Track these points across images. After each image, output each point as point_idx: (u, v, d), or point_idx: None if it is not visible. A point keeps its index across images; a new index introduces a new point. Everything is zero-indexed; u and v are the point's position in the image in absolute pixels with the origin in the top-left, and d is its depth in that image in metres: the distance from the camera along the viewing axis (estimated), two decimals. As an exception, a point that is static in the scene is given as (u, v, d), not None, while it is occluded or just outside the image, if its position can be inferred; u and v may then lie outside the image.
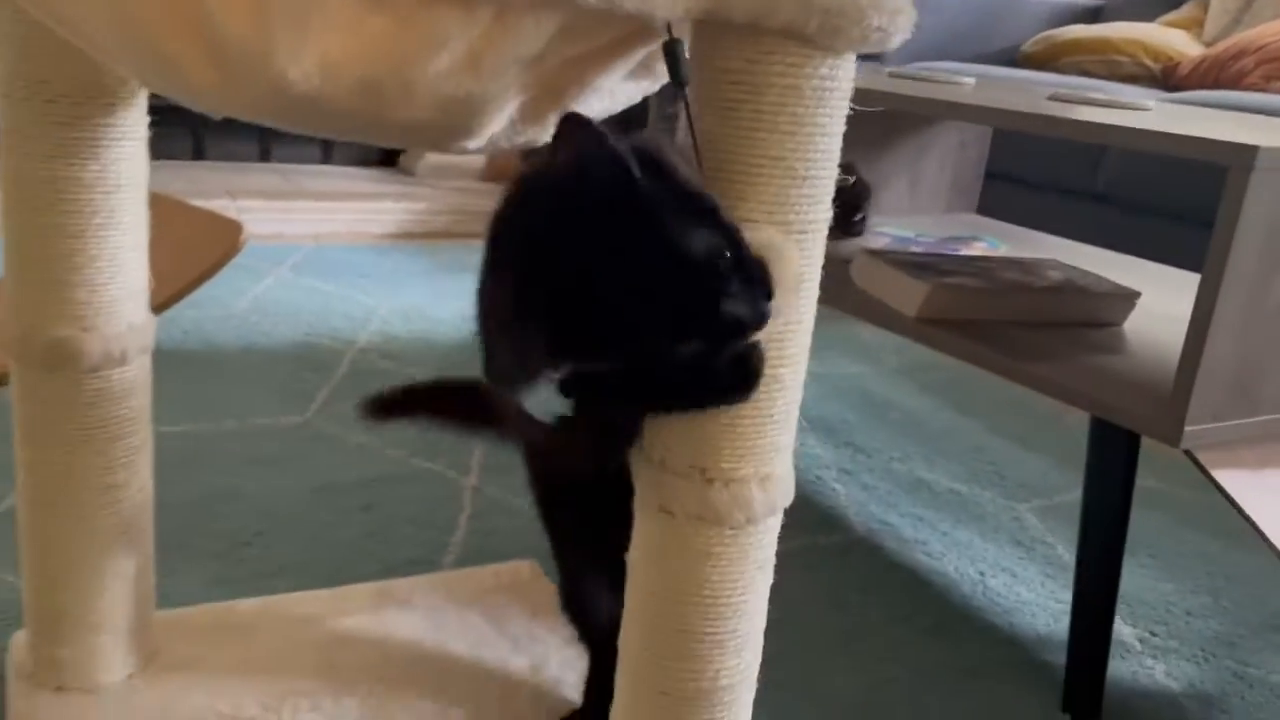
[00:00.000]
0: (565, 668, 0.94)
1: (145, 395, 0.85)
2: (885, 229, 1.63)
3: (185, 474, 1.30)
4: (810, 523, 1.36)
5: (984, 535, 1.39)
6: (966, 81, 1.54)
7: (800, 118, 0.59)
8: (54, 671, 0.85)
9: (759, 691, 0.97)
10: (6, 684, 0.86)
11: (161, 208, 0.90)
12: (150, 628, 0.89)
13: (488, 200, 2.23)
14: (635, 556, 0.69)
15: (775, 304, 0.57)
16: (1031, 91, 1.45)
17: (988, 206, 1.93)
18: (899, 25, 0.59)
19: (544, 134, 0.68)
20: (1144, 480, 1.58)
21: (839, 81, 0.60)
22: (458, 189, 2.96)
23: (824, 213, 0.63)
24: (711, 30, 0.59)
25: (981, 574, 1.29)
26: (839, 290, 1.26)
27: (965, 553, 1.34)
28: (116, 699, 0.85)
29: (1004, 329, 1.13)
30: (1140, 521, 1.46)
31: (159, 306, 1.62)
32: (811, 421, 1.72)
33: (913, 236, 1.59)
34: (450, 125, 0.58)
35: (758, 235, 0.58)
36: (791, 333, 0.64)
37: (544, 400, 0.65)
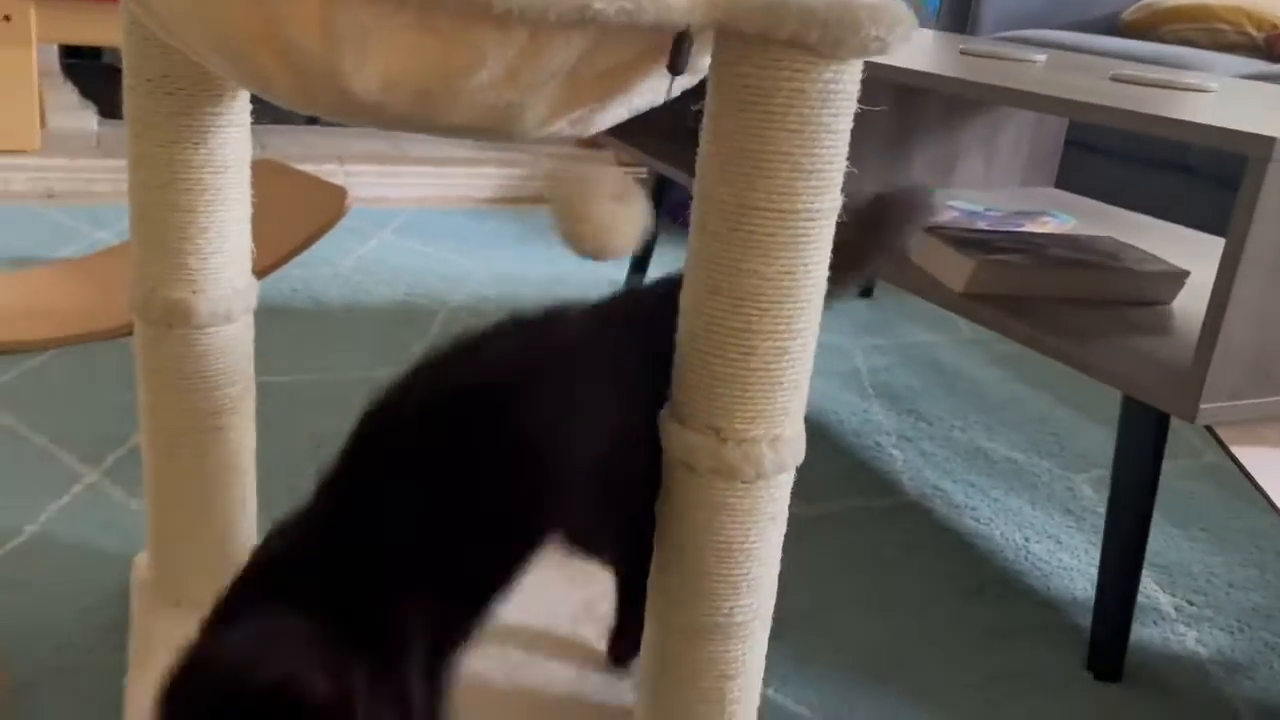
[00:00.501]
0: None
1: (248, 349, 0.97)
2: (955, 203, 1.66)
3: (291, 419, 1.44)
4: (863, 486, 1.43)
5: (1035, 503, 1.43)
6: (1037, 59, 1.55)
7: (806, 117, 0.66)
8: (171, 588, 0.99)
9: (787, 637, 1.06)
10: (131, 598, 1.00)
11: (273, 174, 1.01)
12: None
13: (583, 165, 2.30)
14: (662, 506, 0.78)
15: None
16: (1095, 71, 1.46)
17: (1069, 180, 1.94)
18: (898, 34, 0.65)
19: (586, 131, 0.77)
20: (1204, 456, 1.60)
21: (843, 85, 0.67)
22: (553, 155, 3.06)
23: (831, 202, 0.70)
24: (727, 39, 0.66)
25: (1026, 539, 1.33)
26: (898, 265, 1.31)
27: (1013, 519, 1.38)
28: (222, 613, 0.98)
29: (1048, 305, 1.17)
30: (1197, 495, 1.48)
31: (270, 266, 1.76)
32: (876, 389, 1.77)
33: (981, 211, 1.62)
34: (494, 128, 0.67)
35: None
36: (800, 309, 0.71)
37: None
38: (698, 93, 0.73)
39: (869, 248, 0.88)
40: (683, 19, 0.62)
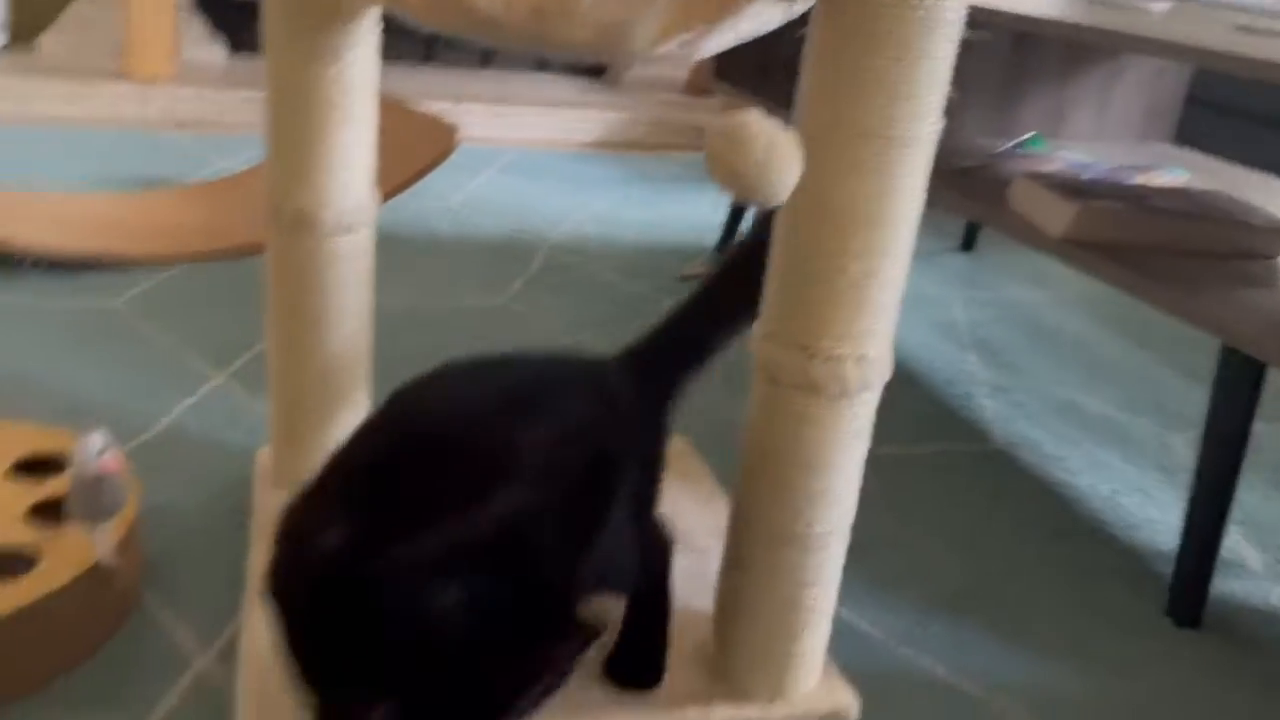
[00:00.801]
0: (696, 520, 1.08)
1: (367, 259, 1.03)
2: (1063, 153, 1.64)
3: (400, 339, 1.51)
4: (950, 431, 1.44)
5: (1127, 458, 1.43)
6: (1157, 7, 1.52)
7: (907, 44, 0.68)
8: (290, 478, 1.07)
9: (866, 564, 1.09)
10: (254, 486, 1.08)
11: (388, 110, 1.06)
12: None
13: (688, 113, 2.41)
14: (748, 418, 0.81)
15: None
16: (1220, 21, 1.42)
17: (1189, 136, 1.89)
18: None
19: (695, 53, 0.80)
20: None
21: (945, 13, 0.68)
22: (659, 102, 3.08)
23: (929, 128, 0.72)
24: (834, -39, 0.68)
25: (1114, 491, 1.33)
26: (997, 211, 1.31)
27: (1103, 472, 1.38)
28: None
29: (1150, 255, 1.16)
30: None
31: (384, 197, 1.83)
32: (975, 342, 1.77)
33: (1089, 162, 1.59)
34: (606, 44, 0.71)
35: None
36: (892, 232, 0.74)
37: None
38: (800, 23, 0.75)
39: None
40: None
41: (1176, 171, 1.57)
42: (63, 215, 1.75)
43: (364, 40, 0.95)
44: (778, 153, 0.64)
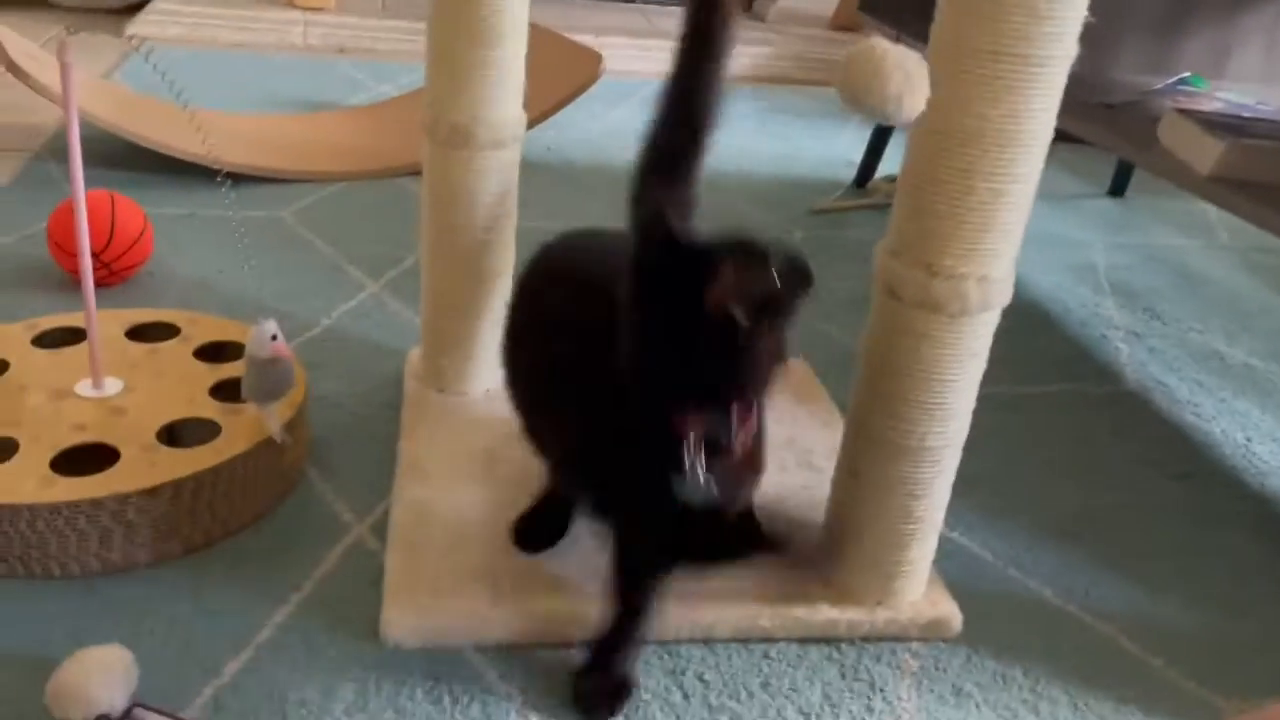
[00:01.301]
0: (817, 441, 1.13)
1: (514, 175, 1.10)
2: (1224, 94, 1.58)
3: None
4: (1081, 372, 1.43)
5: (1265, 407, 1.39)
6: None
7: (1036, -35, 0.69)
8: (437, 377, 1.15)
9: (980, 493, 1.11)
10: (405, 383, 1.17)
11: (536, 38, 1.10)
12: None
13: (832, 48, 2.40)
14: (867, 333, 0.85)
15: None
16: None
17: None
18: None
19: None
20: None
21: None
22: (803, 36, 3.05)
23: (1066, 49, 0.73)
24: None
25: (1249, 439, 1.31)
26: (1145, 147, 1.29)
27: (1239, 419, 1.35)
28: (477, 402, 1.14)
29: (1304, 195, 1.12)
30: None
31: (533, 122, 1.90)
32: (1114, 285, 1.73)
33: (1251, 104, 1.53)
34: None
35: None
36: (1021, 153, 0.75)
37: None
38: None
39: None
40: None
41: (1346, 114, 1.50)
42: (236, 131, 1.88)
43: (520, -37, 1.00)
44: (904, 75, 0.66)
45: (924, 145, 0.78)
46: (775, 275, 0.66)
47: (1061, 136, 0.81)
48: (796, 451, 1.11)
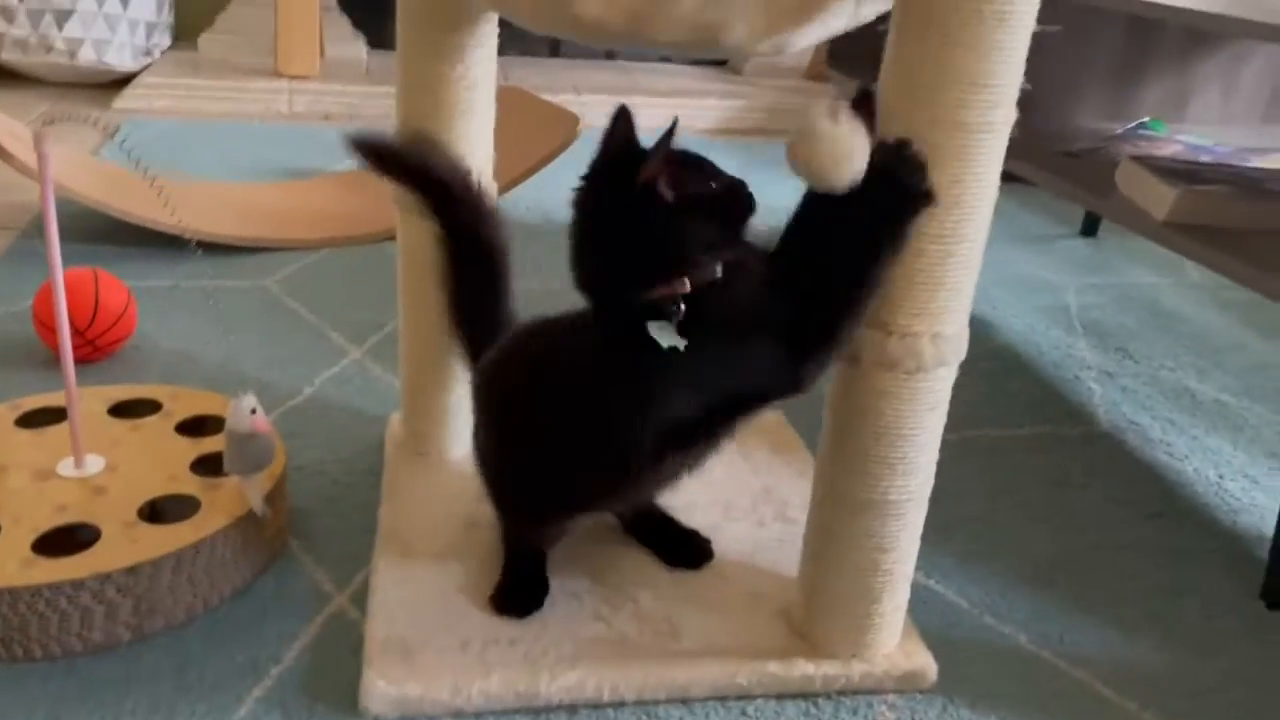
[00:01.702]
0: (793, 493, 1.14)
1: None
2: (1182, 137, 1.62)
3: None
4: (1054, 414, 1.45)
5: (1237, 444, 1.41)
6: (1282, -16, 1.48)
7: (980, 36, 0.72)
8: (417, 441, 1.17)
9: (956, 538, 1.13)
10: (385, 448, 1.19)
11: (515, 100, 1.15)
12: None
13: (805, 99, 2.46)
14: (831, 391, 0.87)
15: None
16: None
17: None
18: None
19: (786, 50, 0.85)
20: None
21: (1018, 6, 0.72)
22: (778, 87, 3.11)
23: (1003, 115, 0.76)
24: (908, -35, 0.73)
25: (1221, 476, 1.33)
26: (1104, 195, 1.32)
27: (1211, 457, 1.37)
28: (457, 464, 1.16)
29: (1256, 239, 1.15)
30: None
31: (510, 184, 1.94)
32: (1086, 325, 1.76)
33: (1208, 145, 1.57)
34: (698, 42, 0.77)
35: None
36: (966, 215, 0.78)
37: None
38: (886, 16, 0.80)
39: None
40: (865, -53, 0.70)
41: (1300, 154, 1.53)
42: (221, 202, 1.92)
43: (484, 42, 1.04)
44: (846, 146, 0.69)
45: (874, 209, 0.80)
46: (712, 181, 0.78)
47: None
48: (774, 504, 1.13)
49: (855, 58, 1.99)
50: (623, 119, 0.77)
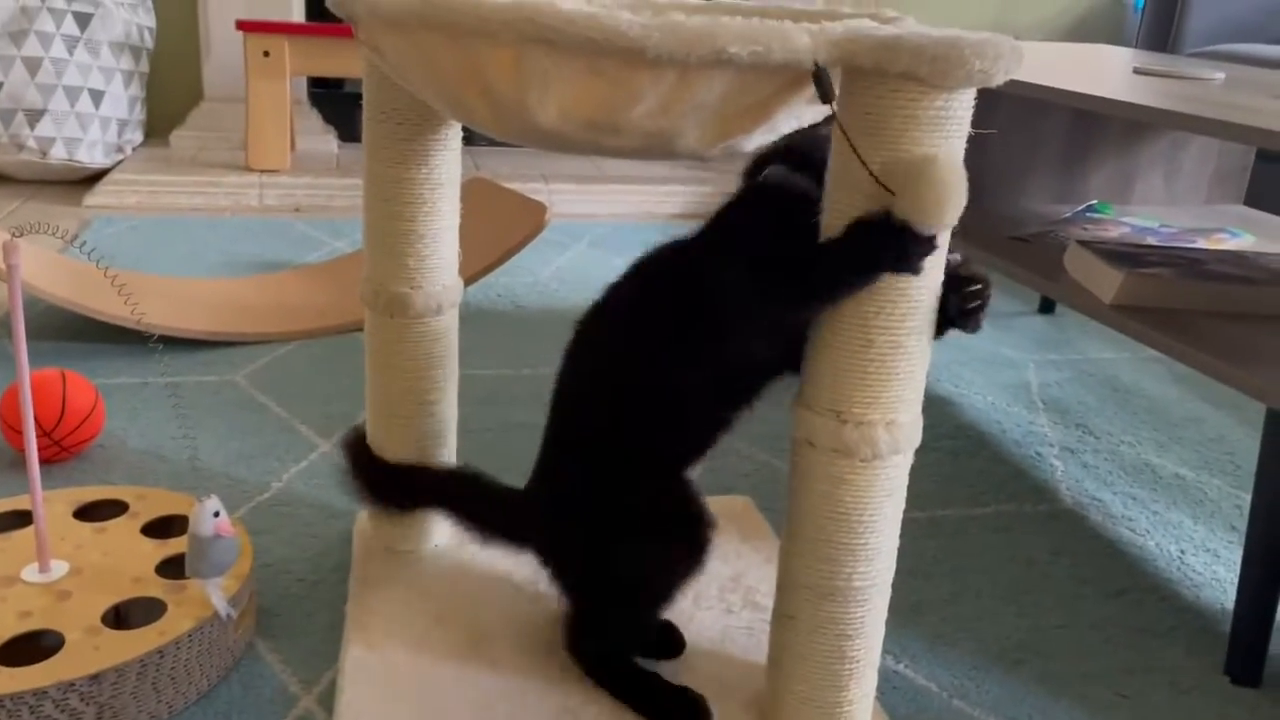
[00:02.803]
0: (761, 579, 1.15)
1: (454, 339, 1.14)
2: (1129, 219, 1.67)
3: (490, 408, 1.62)
4: (1017, 492, 1.47)
5: (1197, 518, 1.44)
6: (1215, 77, 1.55)
7: (920, 140, 0.76)
8: (386, 538, 1.17)
9: (924, 621, 1.14)
10: (354, 545, 1.19)
11: (483, 191, 1.17)
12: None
13: None
14: (790, 479, 0.88)
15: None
16: (1275, 90, 1.45)
17: (1261, 196, 1.90)
18: (1000, 67, 0.74)
19: (738, 151, 0.89)
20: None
21: (954, 111, 0.76)
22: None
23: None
24: (849, 73, 0.77)
25: (1182, 551, 1.35)
26: (1053, 278, 1.36)
27: (1172, 531, 1.40)
28: (426, 559, 1.16)
29: (1201, 320, 1.19)
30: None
31: (479, 274, 1.97)
32: (1046, 403, 1.79)
33: (1154, 227, 1.62)
34: (652, 149, 0.80)
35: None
36: (913, 308, 0.81)
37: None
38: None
39: None
40: (808, 57, 0.74)
41: (1241, 235, 1.59)
42: (190, 297, 1.93)
43: (448, 145, 1.07)
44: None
45: (826, 303, 0.83)
46: None
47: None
48: (742, 591, 1.14)
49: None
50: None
